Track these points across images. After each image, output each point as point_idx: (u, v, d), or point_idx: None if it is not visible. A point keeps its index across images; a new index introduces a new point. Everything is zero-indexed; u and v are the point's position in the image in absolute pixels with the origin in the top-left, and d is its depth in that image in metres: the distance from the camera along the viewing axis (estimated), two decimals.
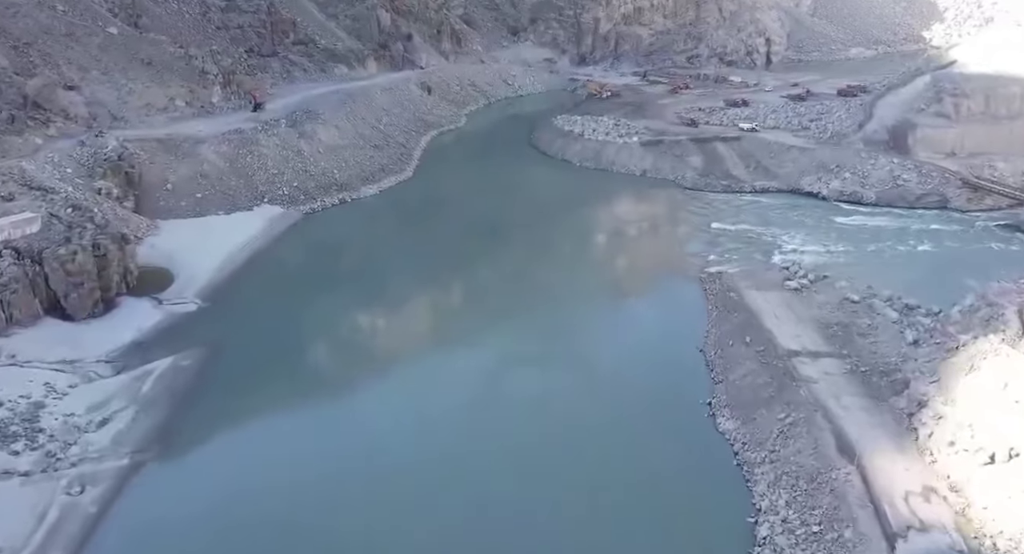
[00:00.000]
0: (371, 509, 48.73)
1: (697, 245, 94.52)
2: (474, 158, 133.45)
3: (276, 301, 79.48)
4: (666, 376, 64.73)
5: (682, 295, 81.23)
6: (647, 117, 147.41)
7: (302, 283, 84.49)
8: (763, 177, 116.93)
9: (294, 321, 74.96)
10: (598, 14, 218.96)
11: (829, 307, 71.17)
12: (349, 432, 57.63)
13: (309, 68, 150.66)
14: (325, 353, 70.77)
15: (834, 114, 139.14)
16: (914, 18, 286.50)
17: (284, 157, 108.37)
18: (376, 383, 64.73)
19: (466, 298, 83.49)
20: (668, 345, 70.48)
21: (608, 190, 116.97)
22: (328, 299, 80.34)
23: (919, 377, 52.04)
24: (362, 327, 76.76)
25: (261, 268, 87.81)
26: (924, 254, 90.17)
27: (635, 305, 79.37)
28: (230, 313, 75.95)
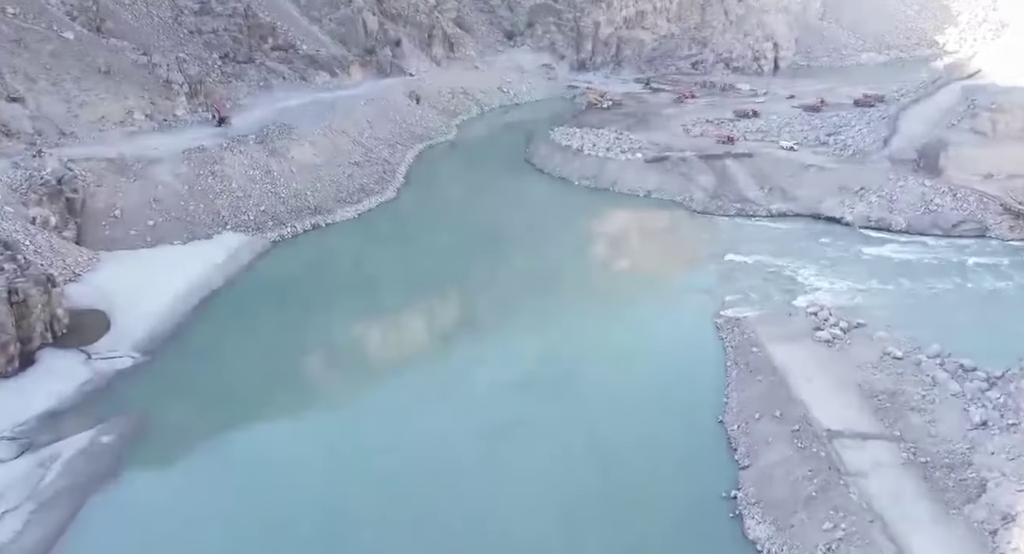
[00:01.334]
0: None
1: (710, 281, 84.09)
2: (464, 176, 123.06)
3: (231, 353, 69.11)
4: (680, 456, 54.48)
5: (695, 345, 70.75)
6: (651, 129, 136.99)
7: (264, 327, 74.13)
8: (780, 199, 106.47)
9: (250, 379, 64.63)
10: (598, 18, 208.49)
11: (869, 366, 60.78)
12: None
13: (288, 76, 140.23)
14: (285, 426, 59.61)
15: (853, 128, 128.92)
16: (927, 22, 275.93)
17: (251, 178, 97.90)
18: (359, 475, 53.57)
19: (451, 345, 72.81)
20: (681, 412, 60.06)
21: (610, 213, 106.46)
22: (293, 348, 70.04)
23: (1001, 481, 41.55)
24: (334, 390, 65.43)
25: (217, 309, 77.44)
26: (967, 294, 79.73)
27: (642, 356, 68.59)
28: (173, 369, 65.61)
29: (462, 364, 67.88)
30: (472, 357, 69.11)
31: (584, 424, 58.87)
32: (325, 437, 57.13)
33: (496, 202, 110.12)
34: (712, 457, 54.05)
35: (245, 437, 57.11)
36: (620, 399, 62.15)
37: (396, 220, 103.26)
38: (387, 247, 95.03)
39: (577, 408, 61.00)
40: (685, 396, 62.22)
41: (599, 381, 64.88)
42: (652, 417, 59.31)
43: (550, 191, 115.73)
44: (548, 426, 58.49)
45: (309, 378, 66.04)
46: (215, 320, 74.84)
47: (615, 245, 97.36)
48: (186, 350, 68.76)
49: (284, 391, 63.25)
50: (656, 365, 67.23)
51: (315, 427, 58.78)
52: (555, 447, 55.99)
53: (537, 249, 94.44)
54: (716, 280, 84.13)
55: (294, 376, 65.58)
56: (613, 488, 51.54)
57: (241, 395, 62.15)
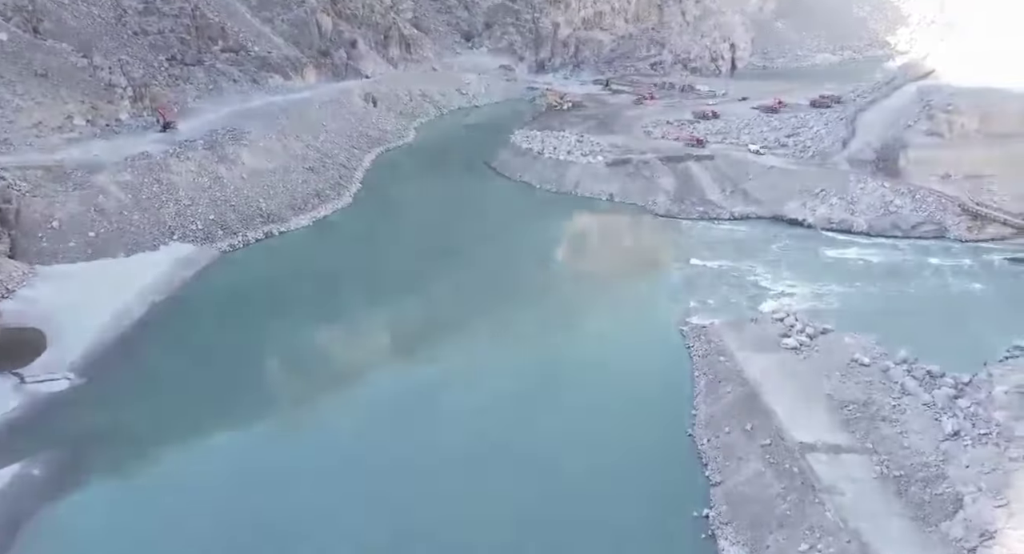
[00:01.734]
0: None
1: (674, 287, 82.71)
2: (423, 180, 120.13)
3: (175, 372, 65.53)
4: (649, 471, 52.64)
5: (661, 353, 69.15)
6: (613, 131, 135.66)
7: (212, 343, 70.74)
8: (742, 202, 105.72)
9: (195, 401, 61.20)
10: (557, 18, 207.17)
11: (838, 375, 59.60)
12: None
13: (239, 78, 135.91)
14: (229, 452, 56.22)
15: (812, 129, 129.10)
16: (879, 23, 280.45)
17: (199, 185, 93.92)
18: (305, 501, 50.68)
19: (409, 360, 70.01)
20: (648, 424, 58.26)
21: (572, 219, 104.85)
22: (242, 366, 66.80)
23: (978, 497, 40.38)
24: (285, 413, 62.07)
25: (163, 325, 73.66)
26: (930, 296, 79.41)
27: (607, 367, 66.71)
28: (113, 392, 61.87)
29: (421, 380, 65.29)
30: (432, 372, 66.54)
31: (549, 438, 56.80)
32: (273, 462, 54.10)
33: (456, 208, 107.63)
34: (682, 473, 52.32)
35: (187, 465, 53.76)
36: (585, 412, 60.17)
37: (353, 227, 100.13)
38: (343, 256, 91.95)
39: (541, 421, 58.89)
40: (652, 408, 60.44)
41: (563, 393, 62.89)
42: (619, 431, 57.37)
43: (511, 196, 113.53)
44: (510, 441, 56.33)
45: (259, 400, 62.57)
46: (160, 337, 71.11)
47: (578, 251, 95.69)
48: (128, 370, 65.02)
49: (231, 414, 60.04)
50: (622, 376, 65.30)
51: (264, 452, 55.64)
52: (518, 465, 53.81)
53: (498, 257, 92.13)
54: (680, 286, 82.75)
55: (242, 397, 62.27)
56: (581, 506, 49.55)
57: (185, 419, 58.65)
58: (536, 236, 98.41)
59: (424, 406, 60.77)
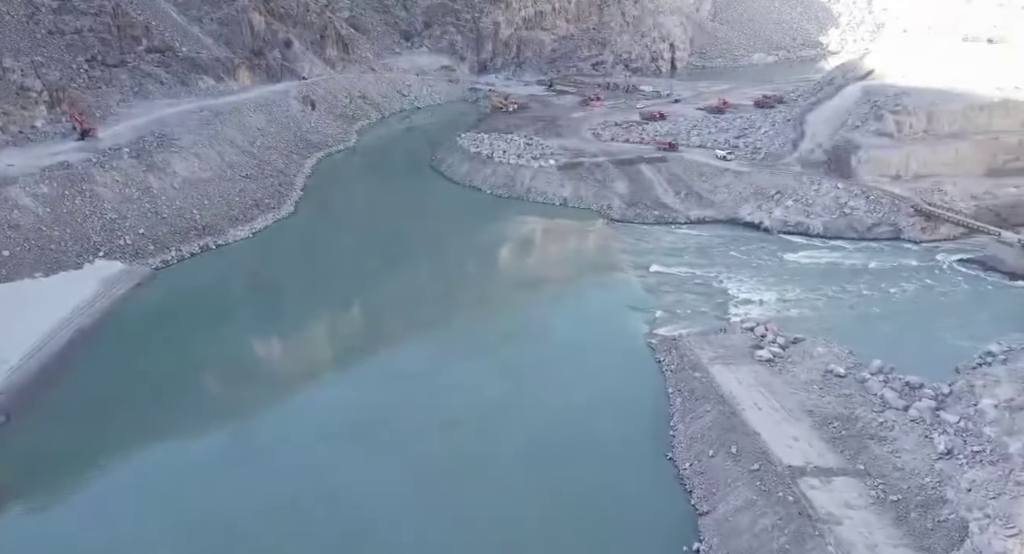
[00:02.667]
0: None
1: (638, 296, 79.95)
2: (367, 186, 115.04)
3: (104, 405, 59.49)
4: (630, 500, 49.45)
5: (631, 368, 66.10)
6: (561, 134, 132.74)
7: (144, 370, 64.70)
8: (697, 205, 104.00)
9: (124, 437, 55.45)
10: (498, 18, 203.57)
11: (816, 388, 57.68)
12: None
13: (167, 80, 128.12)
14: (160, 491, 50.76)
15: (760, 130, 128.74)
16: (810, 23, 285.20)
17: (127, 197, 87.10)
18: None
19: (363, 381, 65.29)
20: (624, 447, 55.24)
21: (526, 225, 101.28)
22: (177, 396, 61.13)
23: (986, 524, 38.31)
24: (220, 447, 56.68)
25: (90, 352, 67.32)
26: (892, 300, 78.55)
27: (574, 384, 63.40)
28: (33, 431, 55.55)
29: (381, 401, 60.73)
30: (387, 393, 62.01)
31: (518, 463, 53.17)
32: (210, 504, 49.03)
33: (403, 215, 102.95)
34: (665, 500, 49.30)
35: (111, 510, 48.35)
36: (555, 433, 56.69)
37: (295, 238, 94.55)
38: (285, 270, 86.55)
39: (506, 445, 55.13)
40: (627, 428, 57.36)
41: (529, 413, 59.23)
42: (594, 454, 54.14)
43: (461, 201, 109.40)
44: (474, 468, 52.38)
45: (194, 435, 57.17)
46: (87, 366, 64.84)
47: (534, 259, 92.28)
48: (51, 405, 58.84)
49: (164, 450, 54.56)
50: (590, 393, 62.02)
51: (199, 491, 50.38)
52: (486, 493, 49.94)
53: (451, 266, 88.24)
54: (644, 295, 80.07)
55: (178, 431, 56.73)
56: (561, 539, 45.95)
57: (112, 457, 53.12)
58: (489, 243, 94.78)
59: (373, 431, 56.41)
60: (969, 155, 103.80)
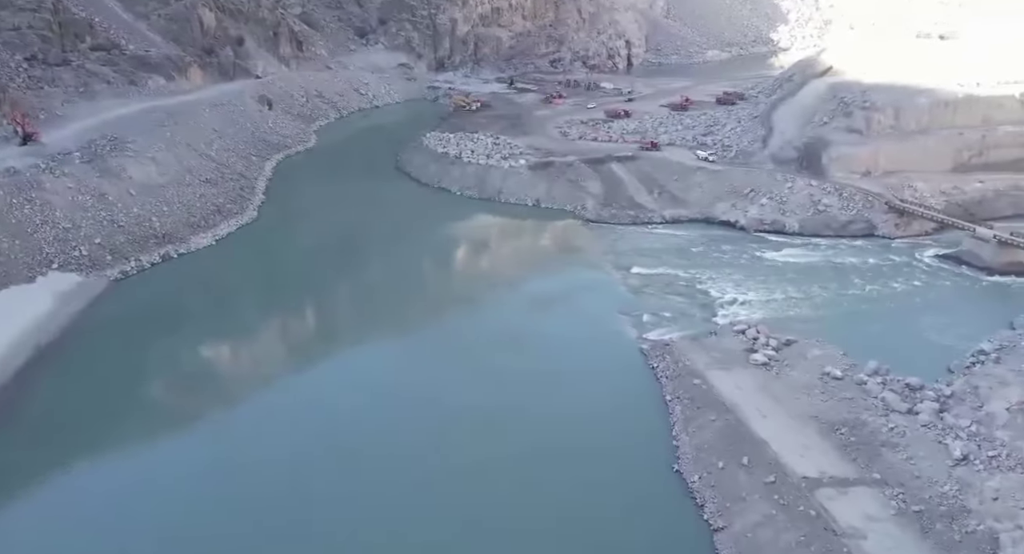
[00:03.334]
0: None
1: (623, 299, 78.27)
2: (332, 189, 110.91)
3: (64, 430, 55.27)
4: (638, 517, 47.42)
5: (624, 376, 64.32)
6: (528, 133, 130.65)
7: (106, 391, 60.48)
8: (671, 205, 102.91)
9: (85, 468, 51.52)
10: (455, 15, 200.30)
11: (817, 392, 56.65)
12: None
13: (114, 80, 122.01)
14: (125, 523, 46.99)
15: (725, 127, 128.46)
16: (760, 20, 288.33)
17: (80, 205, 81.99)
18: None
19: (340, 398, 61.69)
20: (627, 460, 53.25)
21: (501, 227, 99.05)
22: (144, 418, 57.14)
23: (1018, 536, 37.39)
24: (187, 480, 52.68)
25: (47, 372, 62.78)
26: (875, 298, 78.38)
27: (565, 394, 61.26)
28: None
29: (363, 417, 57.72)
30: (372, 406, 59.06)
31: (516, 478, 50.72)
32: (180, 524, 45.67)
33: (372, 219, 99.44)
34: (676, 516, 47.51)
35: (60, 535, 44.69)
36: (551, 447, 54.30)
37: (260, 246, 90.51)
38: (252, 280, 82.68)
39: (503, 459, 52.65)
40: (627, 440, 55.42)
41: (524, 425, 56.77)
42: (595, 468, 51.99)
43: (430, 204, 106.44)
44: (471, 486, 49.80)
45: (165, 455, 53.42)
46: (45, 387, 60.38)
47: (512, 263, 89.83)
48: (6, 433, 54.23)
49: (132, 479, 50.67)
50: (584, 402, 59.95)
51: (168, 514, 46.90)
52: (486, 515, 47.45)
53: (425, 273, 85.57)
54: (629, 297, 78.48)
55: (144, 459, 52.89)
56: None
57: (74, 493, 49.16)
58: (464, 248, 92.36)
59: (356, 449, 53.47)
60: (936, 151, 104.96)
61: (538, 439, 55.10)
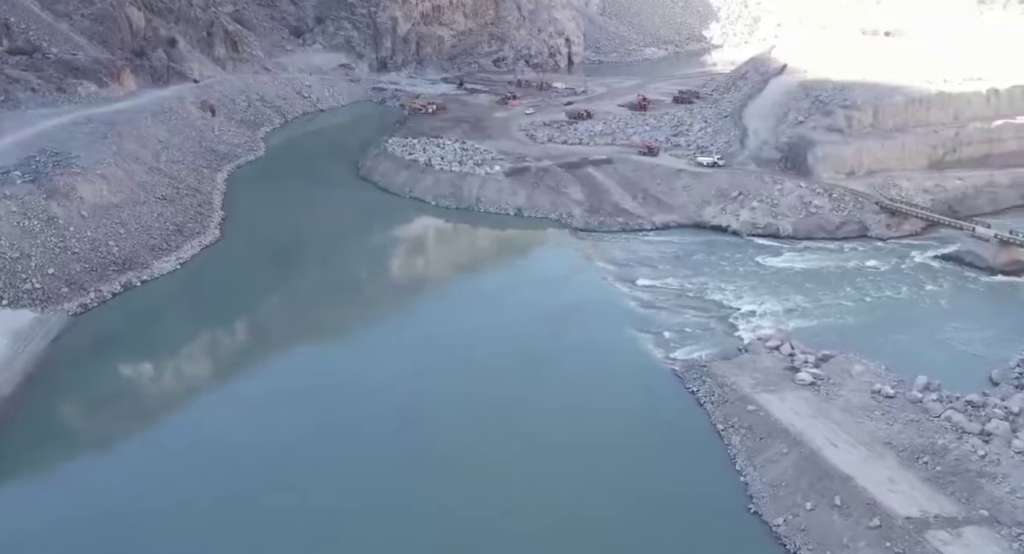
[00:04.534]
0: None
1: (636, 314, 74.05)
2: (295, 202, 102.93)
3: (24, 500, 47.31)
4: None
5: (661, 402, 60.06)
6: (493, 136, 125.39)
7: (73, 448, 52.52)
8: (657, 209, 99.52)
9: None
10: (395, 13, 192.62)
11: (877, 414, 53.68)
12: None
13: (40, 87, 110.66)
14: None
15: (694, 127, 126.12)
16: (692, 17, 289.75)
17: (28, 230, 72.30)
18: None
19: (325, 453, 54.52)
20: (693, 503, 48.85)
21: (487, 240, 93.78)
22: (118, 490, 49.39)
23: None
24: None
25: (6, 430, 53.92)
26: (890, 304, 76.32)
27: (600, 421, 56.74)
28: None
29: (361, 464, 51.56)
30: (391, 446, 52.94)
31: (575, 528, 45.77)
32: None
33: (346, 236, 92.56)
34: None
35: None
36: (607, 492, 49.52)
37: (229, 269, 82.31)
38: (225, 308, 74.59)
39: (555, 508, 47.63)
40: (686, 478, 51.13)
41: (569, 467, 51.72)
42: (659, 513, 47.65)
43: (404, 215, 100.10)
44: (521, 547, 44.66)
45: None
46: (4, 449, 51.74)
47: (511, 280, 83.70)
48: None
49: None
50: (627, 435, 55.45)
51: None
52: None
53: (423, 292, 79.23)
54: (642, 312, 74.28)
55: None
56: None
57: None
58: (456, 265, 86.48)
59: (369, 498, 47.60)
60: (913, 149, 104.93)
61: (586, 482, 50.27)
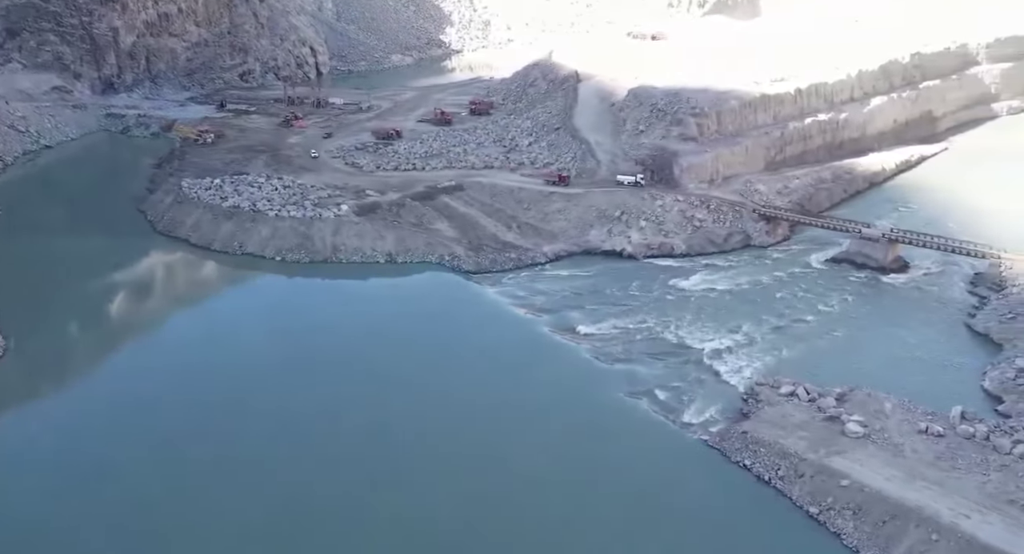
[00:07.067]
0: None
1: (609, 374, 63.57)
2: (83, 283, 76.50)
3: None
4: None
5: (716, 486, 50.43)
6: (307, 168, 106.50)
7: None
8: (541, 239, 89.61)
9: None
10: (114, 22, 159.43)
11: (961, 463, 49.78)
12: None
13: None
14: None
15: (523, 144, 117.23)
16: (427, 22, 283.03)
17: None
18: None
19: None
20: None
21: (368, 302, 76.29)
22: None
23: None
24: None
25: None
26: (828, 321, 73.23)
27: (654, 525, 46.37)
28: None
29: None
30: None
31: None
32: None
33: (175, 326, 70.05)
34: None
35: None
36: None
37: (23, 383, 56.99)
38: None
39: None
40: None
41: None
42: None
43: (244, 281, 79.25)
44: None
45: None
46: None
47: (442, 362, 65.45)
48: None
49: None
50: (709, 543, 45.14)
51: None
52: None
53: (322, 388, 60.72)
54: (611, 369, 63.95)
55: None
56: None
57: None
58: (349, 342, 68.11)
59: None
60: (753, 152, 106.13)
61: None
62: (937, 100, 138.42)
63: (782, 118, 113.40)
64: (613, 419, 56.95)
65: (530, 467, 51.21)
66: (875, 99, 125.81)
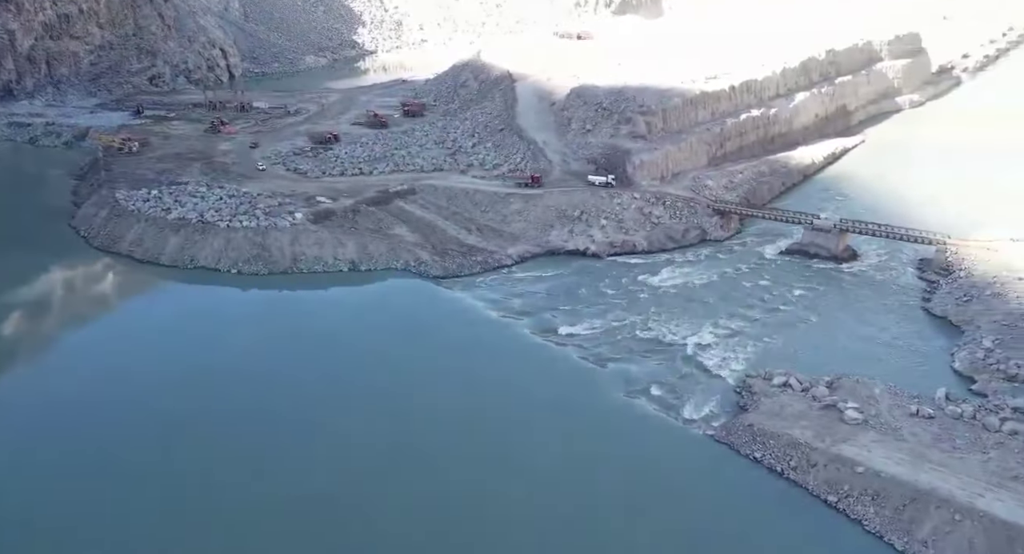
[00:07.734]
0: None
1: (599, 374, 63.03)
2: (33, 312, 70.51)
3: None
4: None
5: (728, 479, 50.70)
6: (247, 175, 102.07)
7: None
8: (503, 241, 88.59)
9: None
10: (10, 24, 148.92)
11: (960, 444, 51.53)
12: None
13: None
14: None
15: (467, 145, 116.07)
16: (339, 23, 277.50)
17: None
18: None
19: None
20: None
21: (337, 312, 73.20)
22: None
23: None
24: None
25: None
26: (796, 310, 75.02)
27: (679, 527, 46.23)
28: None
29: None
30: None
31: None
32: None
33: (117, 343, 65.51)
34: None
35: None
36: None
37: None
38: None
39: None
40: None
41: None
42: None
43: (201, 297, 74.60)
44: None
45: None
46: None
47: (431, 368, 63.71)
48: None
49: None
50: (732, 539, 45.48)
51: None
52: None
53: (325, 410, 58.11)
54: (601, 369, 63.43)
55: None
56: None
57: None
58: (327, 354, 65.40)
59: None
60: (697, 148, 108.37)
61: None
62: (851, 95, 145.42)
63: (719, 115, 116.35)
64: (617, 419, 56.56)
65: (549, 470, 50.41)
66: (799, 94, 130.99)
